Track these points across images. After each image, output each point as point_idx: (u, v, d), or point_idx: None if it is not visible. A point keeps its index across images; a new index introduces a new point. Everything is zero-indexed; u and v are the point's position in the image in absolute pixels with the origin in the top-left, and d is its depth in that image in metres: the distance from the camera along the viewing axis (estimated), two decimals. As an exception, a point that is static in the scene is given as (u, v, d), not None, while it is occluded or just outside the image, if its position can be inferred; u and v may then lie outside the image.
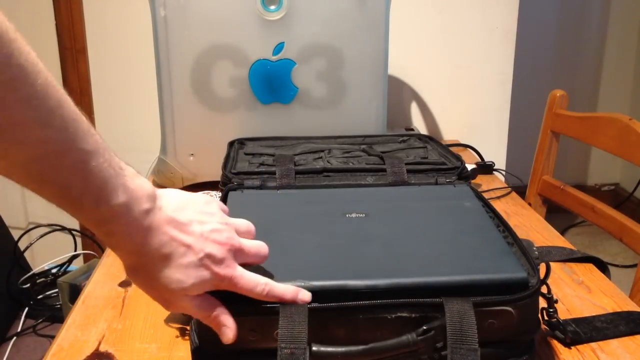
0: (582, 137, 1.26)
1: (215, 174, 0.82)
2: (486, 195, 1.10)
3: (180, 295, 0.52)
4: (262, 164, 0.88)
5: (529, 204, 1.28)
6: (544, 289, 0.63)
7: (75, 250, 1.88)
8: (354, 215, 0.70)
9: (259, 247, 0.57)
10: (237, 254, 0.54)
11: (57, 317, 1.73)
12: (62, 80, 1.70)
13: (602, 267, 0.86)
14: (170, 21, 1.07)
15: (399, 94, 1.61)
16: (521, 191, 1.26)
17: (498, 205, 1.10)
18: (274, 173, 0.83)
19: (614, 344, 0.67)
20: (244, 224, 0.59)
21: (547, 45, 2.77)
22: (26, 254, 1.87)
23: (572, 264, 0.87)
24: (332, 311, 0.53)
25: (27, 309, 1.76)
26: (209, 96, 1.11)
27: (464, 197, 0.76)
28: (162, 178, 1.16)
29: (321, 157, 0.92)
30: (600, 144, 1.20)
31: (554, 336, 0.67)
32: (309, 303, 0.53)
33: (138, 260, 0.51)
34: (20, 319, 1.73)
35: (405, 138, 1.04)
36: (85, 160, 0.45)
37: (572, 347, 0.66)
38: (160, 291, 0.52)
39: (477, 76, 1.60)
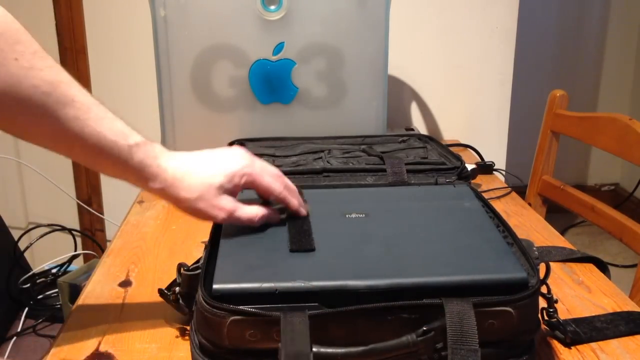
0: (582, 137, 1.26)
1: (215, 174, 0.82)
2: (486, 195, 1.10)
3: None
4: (262, 164, 0.88)
5: (529, 204, 1.28)
6: (543, 289, 0.63)
7: (75, 250, 1.88)
8: (353, 215, 0.70)
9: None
10: None
11: (57, 317, 1.73)
12: (62, 80, 1.70)
13: (602, 267, 0.86)
14: (170, 21, 1.07)
15: (399, 94, 1.61)
16: (521, 191, 1.26)
17: (498, 205, 1.10)
18: (274, 173, 0.82)
19: (614, 344, 0.67)
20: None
21: (547, 45, 2.77)
22: (26, 254, 1.87)
23: (572, 264, 0.87)
24: (332, 312, 0.53)
25: (27, 309, 1.76)
26: (209, 96, 1.11)
27: (464, 197, 0.76)
28: (162, 178, 1.16)
29: (321, 158, 0.92)
30: (600, 144, 1.20)
31: (554, 336, 0.67)
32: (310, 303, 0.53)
33: None
34: (20, 319, 1.73)
35: (405, 138, 1.04)
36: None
37: (572, 347, 0.66)
38: None
39: (477, 76, 1.60)
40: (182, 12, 1.07)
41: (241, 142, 1.02)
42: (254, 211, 0.66)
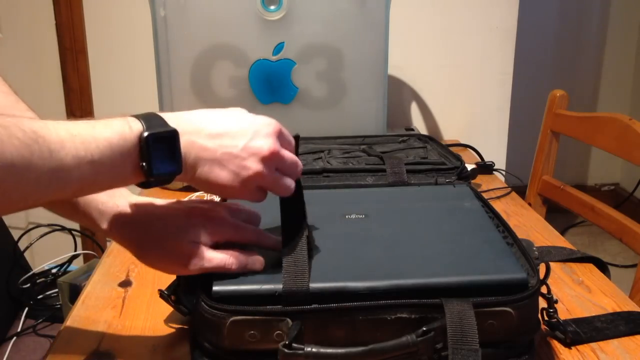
0: (582, 137, 1.26)
1: (215, 174, 0.82)
2: (486, 195, 1.10)
3: None
4: (262, 164, 0.88)
5: (529, 204, 1.28)
6: (543, 289, 0.63)
7: (75, 250, 1.88)
8: (353, 216, 0.69)
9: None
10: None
11: (57, 317, 1.73)
12: (62, 80, 1.70)
13: (602, 267, 0.86)
14: (170, 21, 1.07)
15: (399, 94, 1.61)
16: (521, 191, 1.26)
17: (498, 205, 1.10)
18: (273, 173, 0.82)
19: (614, 344, 0.67)
20: None
21: (547, 45, 2.77)
22: (26, 254, 1.87)
23: (572, 264, 0.87)
24: (332, 312, 0.53)
25: (27, 309, 1.76)
26: (209, 96, 1.11)
27: (464, 198, 0.76)
28: (162, 178, 1.16)
29: (321, 158, 0.92)
30: (600, 144, 1.20)
31: (554, 336, 0.67)
32: (309, 304, 0.53)
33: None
34: (20, 319, 1.73)
35: (405, 138, 1.04)
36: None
37: (572, 347, 0.66)
38: None
39: (477, 76, 1.60)
40: (182, 12, 1.07)
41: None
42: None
